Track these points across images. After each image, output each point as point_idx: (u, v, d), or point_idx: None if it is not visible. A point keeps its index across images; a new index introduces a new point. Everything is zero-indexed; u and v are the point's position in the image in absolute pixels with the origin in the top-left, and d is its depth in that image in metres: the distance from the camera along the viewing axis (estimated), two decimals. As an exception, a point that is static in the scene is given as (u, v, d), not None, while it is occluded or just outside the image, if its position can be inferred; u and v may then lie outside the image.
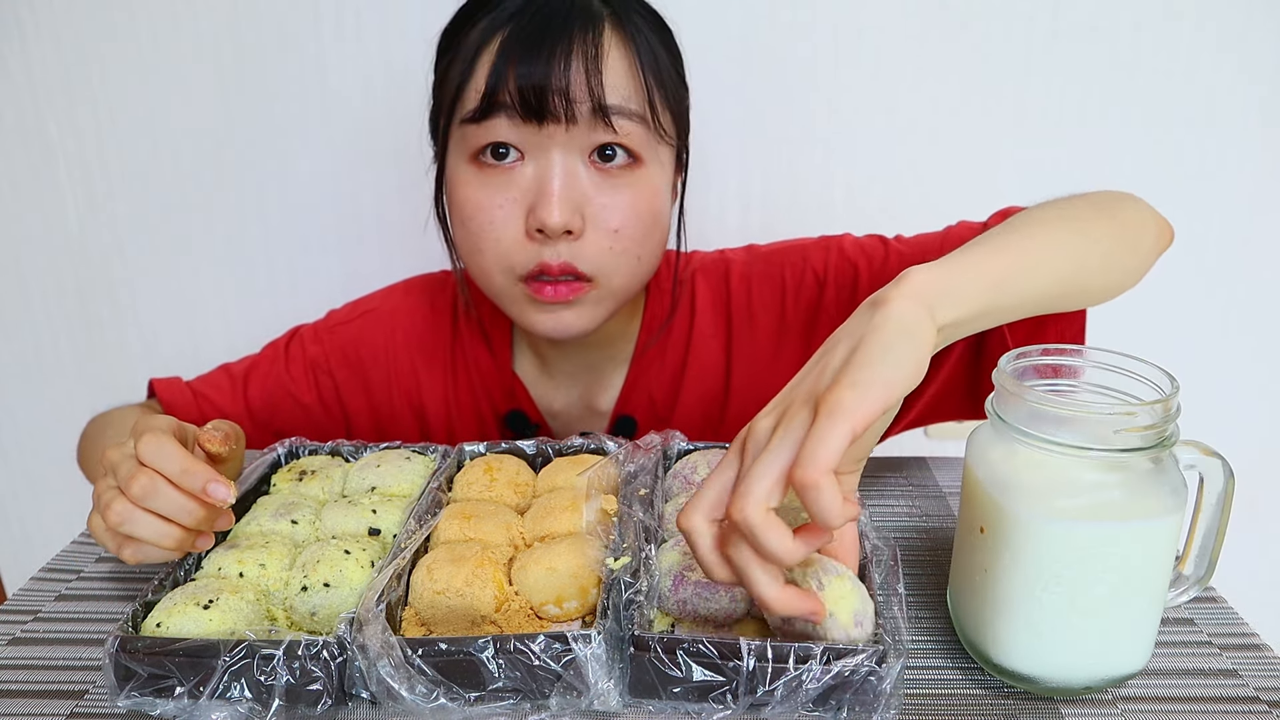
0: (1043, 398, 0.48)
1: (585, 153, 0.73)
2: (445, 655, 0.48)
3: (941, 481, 0.77)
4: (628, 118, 0.72)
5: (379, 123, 1.24)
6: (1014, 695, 0.52)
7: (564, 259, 0.73)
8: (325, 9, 1.18)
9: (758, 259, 0.90)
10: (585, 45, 0.70)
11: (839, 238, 0.88)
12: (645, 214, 0.75)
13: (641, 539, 0.56)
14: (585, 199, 0.73)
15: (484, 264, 0.76)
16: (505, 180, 0.73)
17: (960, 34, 1.16)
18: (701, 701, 0.48)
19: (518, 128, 0.71)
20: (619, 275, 0.76)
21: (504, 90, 0.70)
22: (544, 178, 0.72)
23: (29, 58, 1.22)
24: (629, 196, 0.74)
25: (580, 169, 0.73)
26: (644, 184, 0.75)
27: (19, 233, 1.32)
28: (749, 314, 0.87)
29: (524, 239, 0.74)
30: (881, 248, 0.85)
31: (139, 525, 0.54)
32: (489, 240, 0.74)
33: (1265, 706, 0.51)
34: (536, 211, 0.72)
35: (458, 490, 0.66)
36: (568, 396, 0.91)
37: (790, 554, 0.44)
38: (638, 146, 0.73)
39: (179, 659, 0.48)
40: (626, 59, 0.72)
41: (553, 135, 0.71)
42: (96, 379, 1.40)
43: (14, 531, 1.51)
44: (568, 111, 0.70)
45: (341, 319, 0.93)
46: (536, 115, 0.70)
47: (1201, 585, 0.54)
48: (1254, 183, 1.22)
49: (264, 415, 0.89)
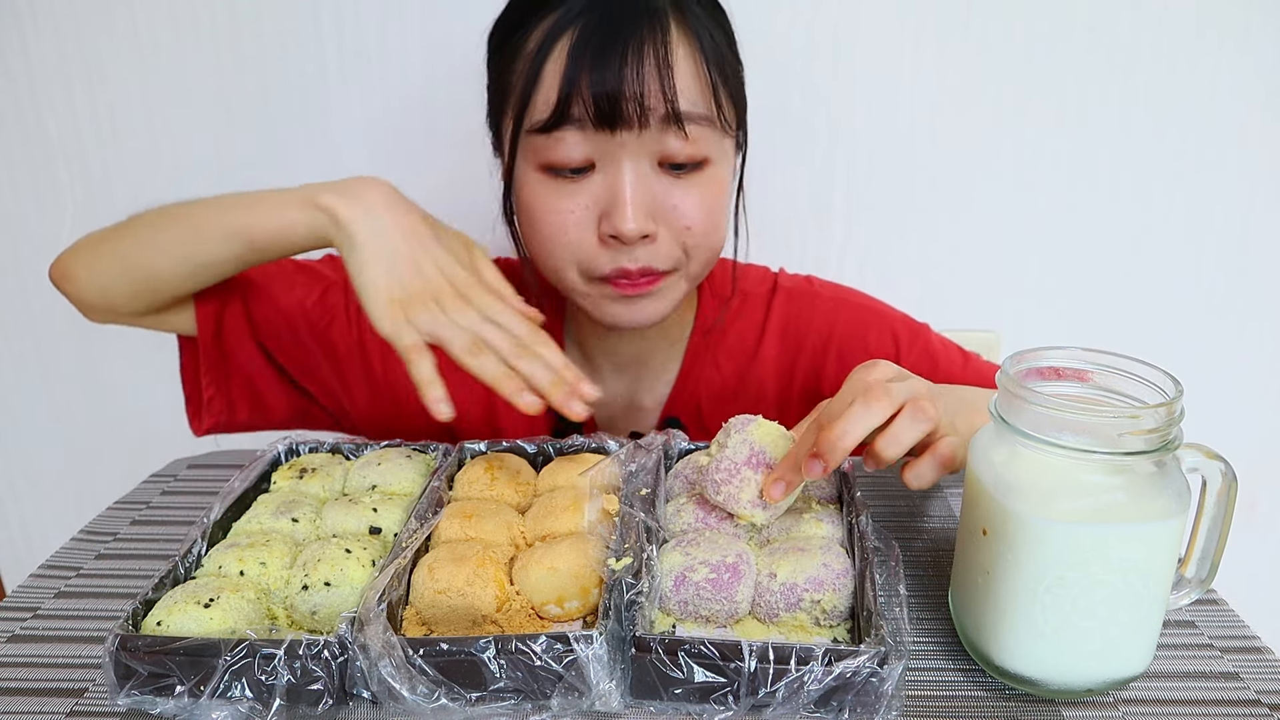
0: (1047, 400, 0.48)
1: (654, 158, 0.73)
2: (446, 655, 0.48)
3: (943, 482, 0.77)
4: (696, 122, 0.72)
5: (380, 121, 1.23)
6: (1016, 697, 0.52)
7: (642, 263, 0.74)
8: (325, 8, 1.18)
9: (845, 306, 0.90)
10: (655, 47, 0.69)
11: (924, 329, 0.91)
12: (715, 209, 0.76)
13: (643, 539, 0.56)
14: (656, 203, 0.73)
15: (557, 264, 0.77)
16: (576, 188, 0.73)
17: (960, 34, 1.16)
18: (703, 703, 0.48)
19: (589, 137, 0.71)
20: (695, 263, 0.78)
21: (577, 100, 0.69)
22: (616, 186, 0.72)
23: (29, 58, 1.22)
24: (698, 196, 0.74)
25: (650, 173, 0.73)
26: (711, 181, 0.75)
27: (19, 233, 1.31)
28: (822, 355, 0.88)
29: (598, 245, 0.74)
30: (961, 360, 0.89)
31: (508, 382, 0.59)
32: (561, 245, 0.75)
33: (1266, 709, 0.51)
34: (611, 220, 0.72)
35: (459, 489, 0.66)
36: (612, 392, 0.91)
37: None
38: (706, 149, 0.74)
39: (179, 658, 0.48)
40: (692, 57, 0.72)
41: (624, 142, 0.71)
42: (96, 379, 1.40)
43: (14, 530, 1.51)
44: (641, 117, 0.70)
45: None
46: (609, 123, 0.70)
47: (1203, 588, 0.53)
48: (1254, 183, 1.22)
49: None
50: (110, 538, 0.70)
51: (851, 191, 1.24)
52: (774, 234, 1.26)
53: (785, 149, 1.23)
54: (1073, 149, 1.21)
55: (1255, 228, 1.24)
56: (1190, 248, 1.25)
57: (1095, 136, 1.20)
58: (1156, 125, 1.19)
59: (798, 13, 1.16)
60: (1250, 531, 1.35)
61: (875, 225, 1.26)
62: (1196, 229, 1.24)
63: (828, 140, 1.22)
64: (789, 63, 1.18)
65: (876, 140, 1.22)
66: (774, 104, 1.20)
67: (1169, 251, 1.25)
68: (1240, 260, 1.25)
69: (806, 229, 1.26)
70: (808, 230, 1.26)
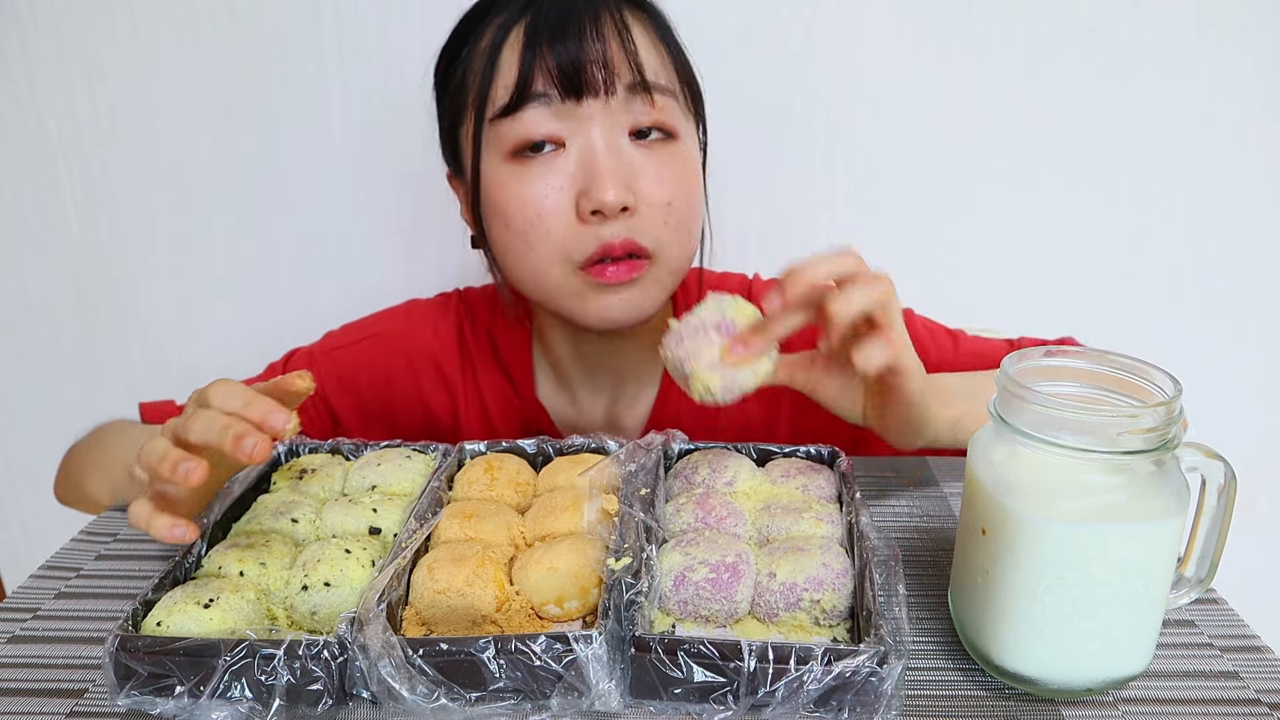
0: (1046, 400, 0.48)
1: (624, 129, 0.72)
2: (446, 655, 0.48)
3: (942, 482, 0.77)
4: (662, 92, 0.72)
5: (380, 121, 1.23)
6: (1015, 697, 0.52)
7: (625, 235, 0.72)
8: (325, 8, 1.18)
9: None
10: (612, 17, 0.69)
11: (908, 313, 0.89)
12: (691, 187, 0.75)
13: (643, 539, 0.56)
14: (634, 175, 0.72)
15: (537, 261, 0.73)
16: (548, 169, 0.71)
17: (960, 34, 1.16)
18: (702, 702, 0.48)
19: (555, 112, 0.70)
20: (674, 248, 0.75)
21: (540, 73, 0.68)
22: (590, 158, 0.71)
23: (29, 58, 1.22)
24: (673, 169, 0.73)
25: (623, 145, 0.72)
26: (684, 157, 0.75)
27: (19, 233, 1.31)
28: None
29: (577, 225, 0.72)
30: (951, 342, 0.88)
31: (166, 460, 0.51)
32: (540, 234, 0.72)
33: (1266, 709, 0.51)
34: (590, 193, 0.70)
35: (458, 489, 0.66)
36: (591, 417, 0.89)
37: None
38: (673, 121, 0.73)
39: (179, 658, 0.48)
40: (647, 34, 0.72)
41: (592, 114, 0.70)
42: (97, 379, 1.40)
43: (14, 531, 1.51)
44: (607, 83, 0.69)
45: (339, 343, 0.91)
46: (575, 91, 0.69)
47: (1203, 587, 0.53)
48: (1254, 183, 1.22)
49: None
50: (110, 538, 0.70)
51: (852, 192, 1.25)
52: (775, 235, 1.26)
53: (785, 150, 1.23)
54: (1073, 149, 1.21)
55: (1255, 228, 1.24)
56: (1190, 248, 1.25)
57: (1095, 136, 1.20)
58: (1156, 125, 1.19)
59: (797, 13, 1.16)
60: (1250, 531, 1.35)
61: (875, 225, 1.26)
62: (1196, 229, 1.24)
63: (828, 141, 1.22)
64: (789, 63, 1.18)
65: (876, 140, 1.22)
66: (774, 104, 1.20)
67: (1169, 251, 1.25)
68: (1240, 260, 1.25)
69: (807, 229, 1.26)
70: (809, 231, 1.26)
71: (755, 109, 1.20)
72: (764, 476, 0.67)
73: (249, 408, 0.53)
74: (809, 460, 0.69)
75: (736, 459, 0.67)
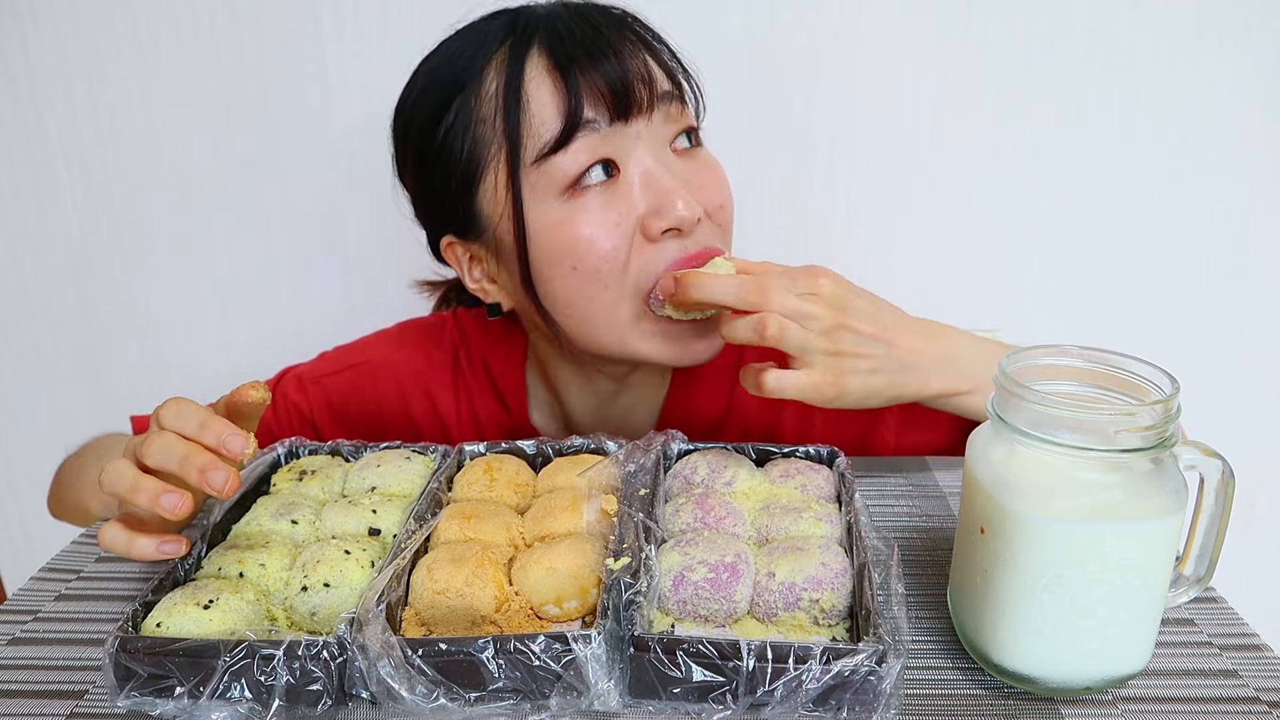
0: (1044, 398, 0.48)
1: (666, 143, 0.71)
2: (445, 655, 0.48)
3: (941, 481, 0.77)
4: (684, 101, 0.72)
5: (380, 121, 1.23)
6: (1014, 695, 0.52)
7: (700, 246, 0.70)
8: (325, 8, 1.18)
9: None
10: (628, 28, 0.69)
11: None
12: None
13: (642, 539, 0.56)
14: (690, 185, 0.70)
15: (610, 299, 0.69)
16: (608, 198, 0.68)
17: (960, 34, 1.16)
18: (701, 702, 0.48)
19: (604, 136, 0.67)
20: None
21: (588, 97, 0.65)
22: (650, 178, 0.68)
23: (29, 58, 1.22)
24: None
25: (671, 159, 0.71)
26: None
27: (19, 233, 1.32)
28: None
29: (645, 249, 0.69)
30: None
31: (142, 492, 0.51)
32: (614, 269, 0.68)
33: (1265, 707, 0.51)
34: (662, 212, 0.67)
35: (458, 490, 0.66)
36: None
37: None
38: (694, 122, 0.73)
39: (179, 659, 0.48)
40: (649, 34, 0.72)
41: (639, 133, 0.68)
42: (97, 379, 1.40)
43: (14, 531, 1.51)
44: (650, 98, 0.67)
45: (329, 370, 0.89)
46: (624, 112, 0.67)
47: (1202, 585, 0.54)
48: (1254, 183, 1.22)
49: None
50: (110, 538, 0.71)
51: (852, 192, 1.25)
52: (776, 235, 1.26)
53: (786, 151, 1.23)
54: (1073, 149, 1.21)
55: (1255, 228, 1.24)
56: (1190, 248, 1.25)
57: (1095, 136, 1.20)
58: (1156, 125, 1.19)
59: (800, 16, 1.16)
60: (1249, 530, 1.35)
61: (876, 225, 1.26)
62: (1196, 229, 1.24)
63: (828, 141, 1.22)
64: (790, 65, 1.18)
65: (877, 141, 1.22)
66: (775, 106, 1.20)
67: (1169, 251, 1.25)
68: (1240, 260, 1.25)
69: (808, 230, 1.26)
70: (809, 231, 1.26)
71: (757, 110, 1.21)
72: (763, 476, 0.67)
73: (204, 430, 0.52)
74: (808, 460, 0.69)
75: (735, 459, 0.67)
